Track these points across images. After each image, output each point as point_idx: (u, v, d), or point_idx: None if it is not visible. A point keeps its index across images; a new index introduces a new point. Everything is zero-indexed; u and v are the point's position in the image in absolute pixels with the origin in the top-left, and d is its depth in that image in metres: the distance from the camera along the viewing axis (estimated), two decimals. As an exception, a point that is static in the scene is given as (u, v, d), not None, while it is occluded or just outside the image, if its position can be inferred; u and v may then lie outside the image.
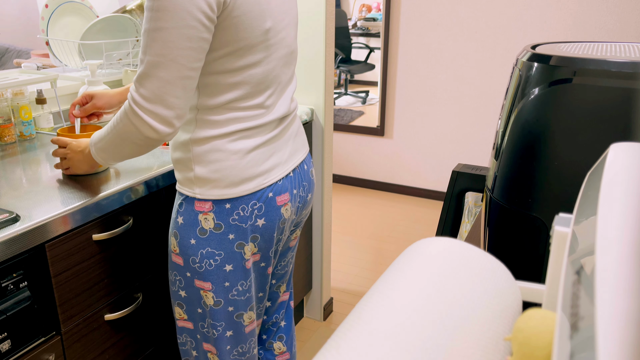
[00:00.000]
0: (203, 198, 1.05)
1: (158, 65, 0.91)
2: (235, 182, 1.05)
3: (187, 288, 1.13)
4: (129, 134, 0.97)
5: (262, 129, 1.07)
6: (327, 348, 0.41)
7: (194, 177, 1.05)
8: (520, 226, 1.06)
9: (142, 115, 0.93)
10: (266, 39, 1.01)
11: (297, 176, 1.17)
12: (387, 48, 3.48)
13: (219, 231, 1.06)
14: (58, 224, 1.05)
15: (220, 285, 1.10)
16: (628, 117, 0.92)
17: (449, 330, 0.42)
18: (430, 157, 3.56)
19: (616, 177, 0.43)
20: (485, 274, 0.50)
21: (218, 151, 1.03)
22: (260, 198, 1.08)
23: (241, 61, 1.00)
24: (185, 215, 1.08)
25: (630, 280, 0.30)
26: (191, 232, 1.07)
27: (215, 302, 1.12)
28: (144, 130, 0.95)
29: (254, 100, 1.04)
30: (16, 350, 1.00)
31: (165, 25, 0.88)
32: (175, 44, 0.90)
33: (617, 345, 0.26)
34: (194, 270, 1.10)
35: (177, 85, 0.92)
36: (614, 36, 2.91)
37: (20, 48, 3.99)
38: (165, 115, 0.94)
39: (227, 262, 1.09)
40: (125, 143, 0.99)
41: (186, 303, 1.16)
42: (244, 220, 1.07)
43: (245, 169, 1.05)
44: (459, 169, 1.36)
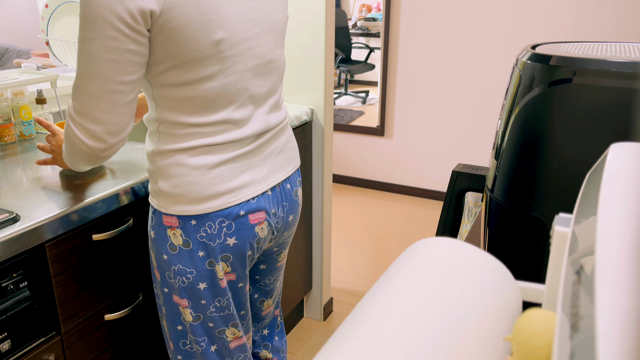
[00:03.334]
0: (168, 213, 1.02)
1: (84, 77, 0.87)
2: (199, 199, 0.99)
3: (166, 304, 1.11)
4: (71, 145, 0.96)
5: (230, 145, 1.01)
6: (327, 348, 0.41)
7: (159, 191, 1.02)
8: (520, 226, 1.06)
9: (74, 128, 0.92)
10: (218, 51, 0.94)
11: (277, 195, 1.11)
12: (387, 48, 3.48)
13: (188, 248, 1.02)
14: (58, 224, 1.05)
15: (197, 302, 1.07)
16: (628, 117, 0.92)
17: (449, 330, 0.42)
18: (430, 157, 3.56)
19: (616, 177, 0.43)
20: (485, 274, 0.50)
21: (179, 165, 0.98)
22: (229, 216, 1.02)
23: (190, 74, 0.93)
24: (156, 230, 1.05)
25: (630, 280, 0.30)
26: (163, 247, 1.04)
27: (194, 317, 1.08)
28: (78, 143, 0.93)
29: (214, 115, 0.98)
30: (16, 350, 1.00)
31: (89, 35, 0.85)
32: (98, 55, 0.85)
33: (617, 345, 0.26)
34: (171, 286, 1.07)
35: (104, 100, 0.88)
36: (614, 36, 2.91)
37: (20, 48, 3.99)
38: (94, 130, 0.90)
39: (199, 280, 1.04)
40: (72, 153, 0.97)
41: (167, 320, 1.13)
42: (212, 239, 1.02)
43: (210, 185, 0.99)
44: (459, 169, 1.36)
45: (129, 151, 1.42)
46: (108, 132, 0.91)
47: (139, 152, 1.41)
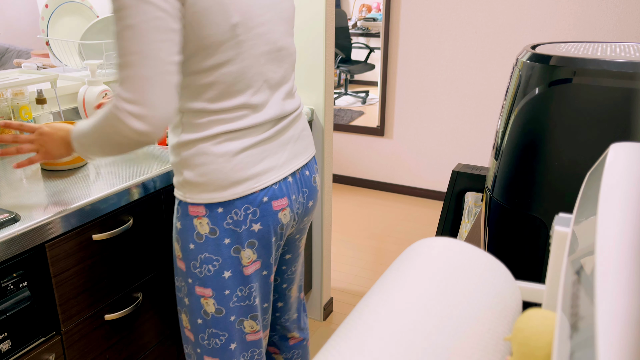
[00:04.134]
0: (195, 202, 1.04)
1: (135, 64, 0.87)
2: (224, 186, 1.02)
3: (189, 296, 1.12)
4: (113, 135, 0.93)
5: (250, 130, 1.04)
6: (327, 348, 0.41)
7: (184, 181, 1.04)
8: (520, 226, 1.06)
9: (125, 119, 0.90)
10: (234, 35, 0.97)
11: (297, 182, 1.14)
12: (387, 48, 3.48)
13: (215, 236, 1.05)
14: (58, 224, 1.05)
15: (220, 292, 1.09)
16: (628, 117, 0.92)
17: (449, 330, 0.42)
18: (430, 157, 3.56)
19: (616, 177, 0.43)
20: (485, 274, 0.50)
21: (203, 154, 1.01)
22: (254, 202, 1.05)
23: (211, 60, 0.97)
24: (182, 220, 1.07)
25: (630, 280, 0.30)
26: (189, 237, 1.06)
27: (217, 309, 1.10)
28: (127, 132, 0.91)
29: (234, 100, 1.01)
30: (16, 350, 1.00)
31: (132, 21, 0.85)
32: (147, 38, 0.86)
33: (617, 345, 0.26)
34: (195, 276, 1.08)
35: (157, 82, 0.89)
36: (614, 36, 2.91)
37: (20, 48, 3.99)
38: (148, 114, 0.90)
39: (225, 268, 1.07)
40: (110, 143, 0.95)
41: (189, 312, 1.14)
42: (239, 225, 1.05)
43: (233, 171, 1.02)
44: (459, 169, 1.36)
45: (129, 151, 1.43)
46: (160, 117, 0.91)
47: (139, 152, 1.41)
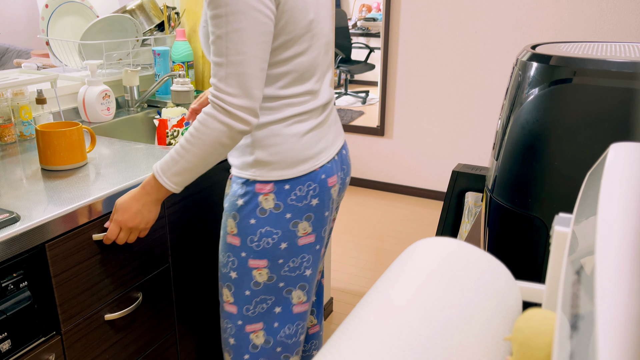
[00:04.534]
0: (264, 180, 1.13)
1: (241, 63, 0.98)
2: (293, 163, 1.13)
3: (239, 269, 1.19)
4: (219, 138, 1.01)
5: (311, 114, 1.15)
6: (326, 348, 0.41)
7: (254, 161, 1.13)
8: (520, 226, 1.06)
9: (234, 111, 0.99)
10: (310, 29, 1.09)
11: (340, 160, 1.25)
12: (387, 48, 3.48)
13: (278, 211, 1.14)
14: (58, 224, 1.05)
15: (275, 262, 1.17)
16: (628, 117, 0.92)
17: (449, 330, 0.42)
18: (430, 157, 3.56)
19: (616, 177, 0.43)
20: (486, 274, 0.50)
21: (276, 135, 1.11)
22: (315, 179, 1.16)
23: (288, 52, 1.07)
24: (246, 198, 1.14)
25: (630, 280, 0.30)
26: (251, 213, 1.14)
27: (269, 277, 1.18)
28: (236, 125, 1.00)
29: (302, 86, 1.12)
30: (16, 350, 1.00)
31: (240, 26, 0.97)
32: (253, 40, 0.98)
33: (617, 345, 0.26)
34: (251, 250, 1.16)
35: (258, 78, 1.01)
36: (614, 36, 2.91)
37: (20, 48, 3.99)
38: (252, 106, 1.01)
39: (282, 240, 1.16)
40: (213, 150, 1.03)
41: (235, 285, 1.21)
42: (300, 200, 1.15)
43: (301, 150, 1.13)
44: (459, 169, 1.36)
45: (129, 151, 1.43)
46: (259, 107, 1.04)
47: (139, 152, 1.41)
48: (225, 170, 1.55)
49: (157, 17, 2.01)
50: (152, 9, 1.99)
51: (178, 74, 1.79)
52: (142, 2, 1.96)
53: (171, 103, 1.86)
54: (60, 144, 1.26)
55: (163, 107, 1.93)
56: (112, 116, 1.78)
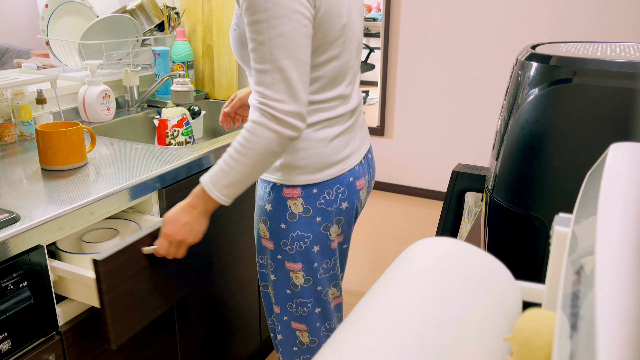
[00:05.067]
0: (291, 184, 1.12)
1: (287, 67, 0.96)
2: (321, 168, 1.12)
3: (276, 271, 1.20)
4: (269, 146, 0.99)
5: (340, 118, 1.14)
6: (326, 348, 0.41)
7: (281, 166, 1.12)
8: (520, 226, 1.06)
9: (283, 117, 0.97)
10: (343, 34, 1.08)
11: (366, 163, 1.25)
12: (387, 48, 3.48)
13: (308, 215, 1.14)
14: (58, 224, 1.05)
15: (309, 265, 1.18)
16: (628, 117, 0.92)
17: (449, 330, 0.42)
18: (430, 157, 3.56)
19: (616, 177, 0.43)
20: (486, 274, 0.50)
21: (305, 140, 1.11)
22: (343, 182, 1.16)
23: (322, 57, 1.06)
24: (274, 202, 1.14)
25: (630, 280, 0.30)
26: (281, 217, 1.14)
27: (305, 280, 1.19)
28: (286, 132, 0.98)
29: (333, 91, 1.11)
30: (16, 350, 1.00)
31: (284, 30, 0.95)
32: (297, 44, 0.96)
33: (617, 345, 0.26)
34: (285, 253, 1.17)
35: (304, 82, 0.99)
36: (614, 36, 2.91)
37: (20, 48, 3.99)
38: (301, 111, 0.99)
39: (315, 243, 1.16)
40: (264, 159, 1.00)
41: (275, 286, 1.22)
42: (330, 204, 1.15)
43: (329, 155, 1.12)
44: (459, 169, 1.36)
45: (129, 151, 1.43)
46: (306, 111, 1.01)
47: (139, 152, 1.41)
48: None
49: (157, 17, 2.01)
50: (152, 9, 1.99)
51: (178, 74, 1.79)
52: (142, 2, 1.96)
53: (171, 103, 1.86)
54: (60, 144, 1.26)
55: (163, 107, 1.93)
56: (112, 116, 1.78)
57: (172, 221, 1.05)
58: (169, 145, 1.72)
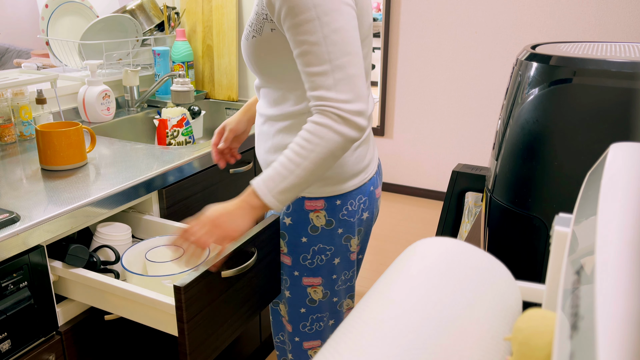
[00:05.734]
0: (314, 197, 1.07)
1: (347, 65, 0.90)
2: (345, 178, 1.08)
3: (292, 287, 1.15)
4: (332, 149, 0.92)
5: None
6: (327, 348, 0.41)
7: None
8: (520, 226, 1.06)
9: (351, 117, 0.91)
10: (369, 32, 1.05)
11: (379, 170, 1.23)
12: (387, 48, 3.48)
13: (330, 227, 1.09)
14: (58, 224, 1.05)
15: (329, 278, 1.14)
16: (628, 117, 0.92)
17: (449, 331, 0.42)
18: (430, 157, 3.56)
19: (616, 177, 0.43)
20: (486, 274, 0.50)
21: None
22: (365, 192, 1.12)
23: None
24: (294, 216, 1.09)
25: (630, 280, 0.30)
26: (302, 231, 1.09)
27: (324, 294, 1.15)
28: (352, 133, 0.92)
29: None
30: (16, 350, 1.00)
31: (338, 25, 0.89)
32: (353, 38, 0.91)
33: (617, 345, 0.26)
34: (304, 268, 1.12)
35: (363, 76, 0.93)
36: (614, 36, 2.91)
37: (20, 48, 3.99)
38: (365, 109, 0.93)
39: (335, 256, 1.12)
40: (325, 163, 0.93)
41: (290, 303, 1.17)
42: (352, 215, 1.11)
43: (354, 165, 1.08)
44: (459, 169, 1.36)
45: (129, 151, 1.43)
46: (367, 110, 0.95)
47: (139, 152, 1.41)
48: (225, 170, 1.55)
49: (157, 17, 2.01)
50: (152, 9, 1.99)
51: (178, 74, 1.79)
52: (142, 2, 1.96)
53: (171, 103, 1.86)
54: (60, 144, 1.26)
55: (163, 107, 1.93)
56: (112, 116, 1.78)
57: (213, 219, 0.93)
58: (169, 145, 1.72)
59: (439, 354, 0.39)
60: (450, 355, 0.40)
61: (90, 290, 1.08)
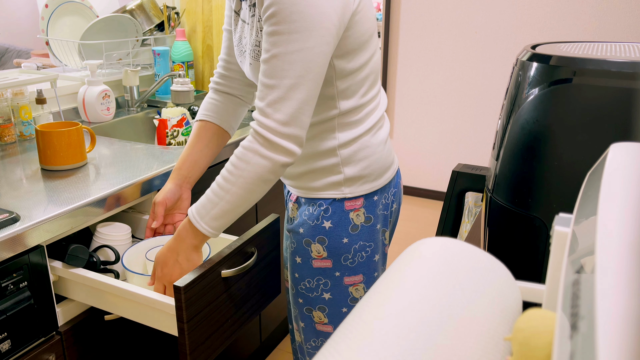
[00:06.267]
0: (353, 196, 1.07)
1: (297, 86, 0.88)
2: (381, 173, 1.09)
3: (333, 289, 1.13)
4: (261, 174, 0.91)
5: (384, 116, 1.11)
6: (327, 348, 0.41)
7: (344, 179, 1.06)
8: (520, 226, 1.06)
9: (279, 141, 0.89)
10: (376, 27, 1.05)
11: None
12: (387, 48, 3.48)
13: (369, 224, 1.09)
14: (58, 224, 1.05)
15: (370, 276, 1.14)
16: (628, 117, 0.92)
17: (449, 331, 0.42)
18: (430, 157, 3.56)
19: (616, 177, 0.43)
20: (485, 273, 0.50)
21: (366, 148, 1.05)
22: (395, 184, 1.14)
23: (367, 52, 1.01)
24: (334, 218, 1.07)
25: (631, 280, 0.30)
26: (343, 232, 1.08)
27: (365, 292, 1.14)
28: (280, 158, 0.90)
29: (375, 88, 1.07)
30: (16, 350, 1.00)
31: (305, 45, 0.87)
32: (315, 62, 0.88)
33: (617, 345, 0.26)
34: (345, 267, 1.11)
35: (311, 105, 0.91)
36: (614, 36, 2.91)
37: (20, 48, 3.99)
38: (300, 135, 0.91)
39: (375, 252, 1.12)
40: (255, 187, 0.92)
41: (329, 306, 1.15)
42: (387, 208, 1.12)
43: (387, 157, 1.09)
44: (459, 169, 1.36)
45: (129, 151, 1.43)
46: (304, 136, 0.93)
47: (139, 152, 1.41)
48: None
49: (157, 17, 2.01)
50: (152, 9, 1.99)
51: (178, 74, 1.79)
52: (142, 2, 1.96)
53: (171, 103, 1.86)
54: (60, 144, 1.26)
55: (163, 107, 1.93)
56: (112, 116, 1.78)
57: (162, 262, 0.99)
58: (169, 145, 1.73)
59: (439, 354, 0.39)
60: (450, 355, 0.40)
61: (90, 290, 1.08)
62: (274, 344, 2.06)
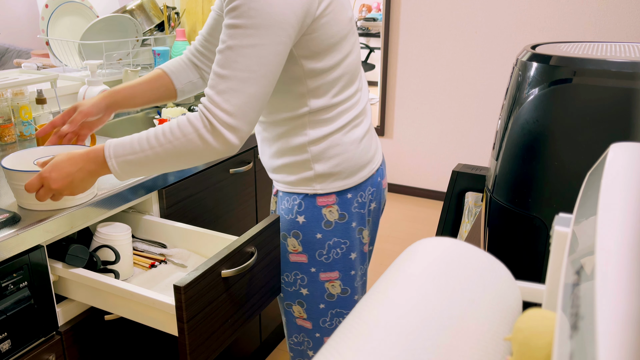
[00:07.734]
0: (325, 192, 1.09)
1: (247, 80, 0.90)
2: (354, 171, 1.10)
3: (309, 285, 1.16)
4: (190, 150, 0.92)
5: (362, 115, 1.11)
6: (327, 348, 0.41)
7: (314, 175, 1.08)
8: (520, 226, 1.06)
9: (221, 130, 0.90)
10: (351, 27, 1.05)
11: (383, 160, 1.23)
12: (387, 48, 3.48)
13: (344, 220, 1.11)
14: (58, 224, 1.05)
15: (346, 273, 1.15)
16: (628, 117, 0.92)
17: (449, 330, 0.42)
18: (430, 157, 3.56)
19: (616, 177, 0.43)
20: (485, 273, 0.50)
21: (337, 146, 1.07)
22: (373, 183, 1.14)
23: (339, 54, 1.02)
24: (307, 213, 1.11)
25: (630, 280, 0.30)
26: (316, 227, 1.11)
27: (342, 290, 1.16)
28: (216, 145, 0.91)
29: (352, 88, 1.08)
30: (16, 350, 1.00)
31: (260, 42, 0.89)
32: (268, 59, 0.90)
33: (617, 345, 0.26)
34: (320, 263, 1.13)
35: (261, 101, 0.92)
36: (614, 36, 2.91)
37: (20, 48, 3.99)
38: (243, 129, 0.92)
39: (352, 250, 1.13)
40: (177, 161, 0.93)
41: (307, 301, 1.18)
42: (363, 207, 1.13)
43: (360, 156, 1.10)
44: (459, 169, 1.36)
45: (129, 151, 1.42)
46: (249, 132, 0.94)
47: (139, 152, 1.41)
48: (225, 170, 1.55)
49: (157, 17, 2.01)
50: (152, 9, 1.99)
51: (178, 74, 1.79)
52: (142, 2, 1.96)
53: (171, 103, 1.86)
54: (60, 144, 1.26)
55: (163, 107, 1.93)
56: (112, 116, 1.78)
57: (56, 166, 0.94)
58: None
59: (439, 354, 0.39)
60: (450, 355, 0.40)
61: (90, 290, 1.08)
62: (274, 344, 2.06)
